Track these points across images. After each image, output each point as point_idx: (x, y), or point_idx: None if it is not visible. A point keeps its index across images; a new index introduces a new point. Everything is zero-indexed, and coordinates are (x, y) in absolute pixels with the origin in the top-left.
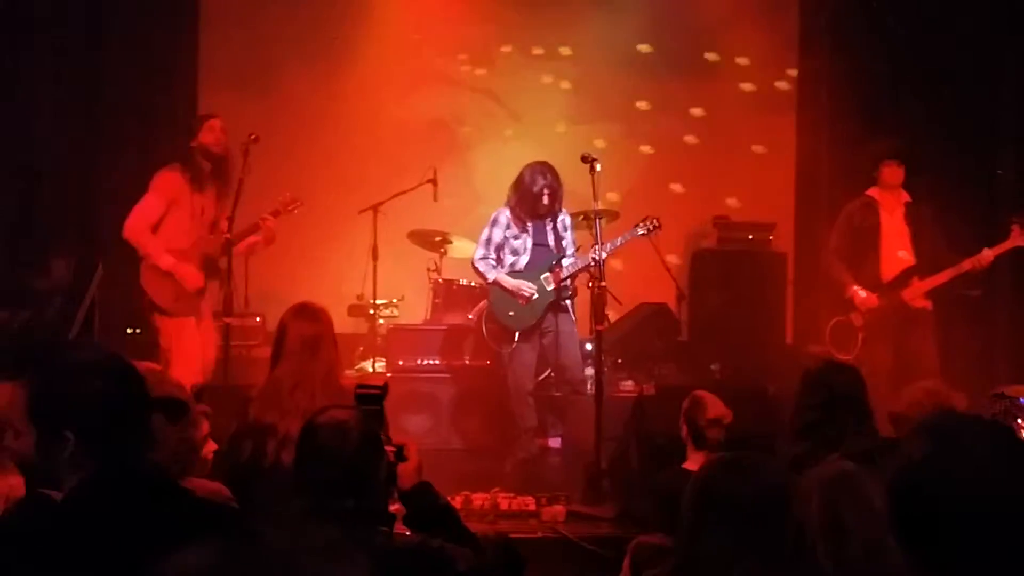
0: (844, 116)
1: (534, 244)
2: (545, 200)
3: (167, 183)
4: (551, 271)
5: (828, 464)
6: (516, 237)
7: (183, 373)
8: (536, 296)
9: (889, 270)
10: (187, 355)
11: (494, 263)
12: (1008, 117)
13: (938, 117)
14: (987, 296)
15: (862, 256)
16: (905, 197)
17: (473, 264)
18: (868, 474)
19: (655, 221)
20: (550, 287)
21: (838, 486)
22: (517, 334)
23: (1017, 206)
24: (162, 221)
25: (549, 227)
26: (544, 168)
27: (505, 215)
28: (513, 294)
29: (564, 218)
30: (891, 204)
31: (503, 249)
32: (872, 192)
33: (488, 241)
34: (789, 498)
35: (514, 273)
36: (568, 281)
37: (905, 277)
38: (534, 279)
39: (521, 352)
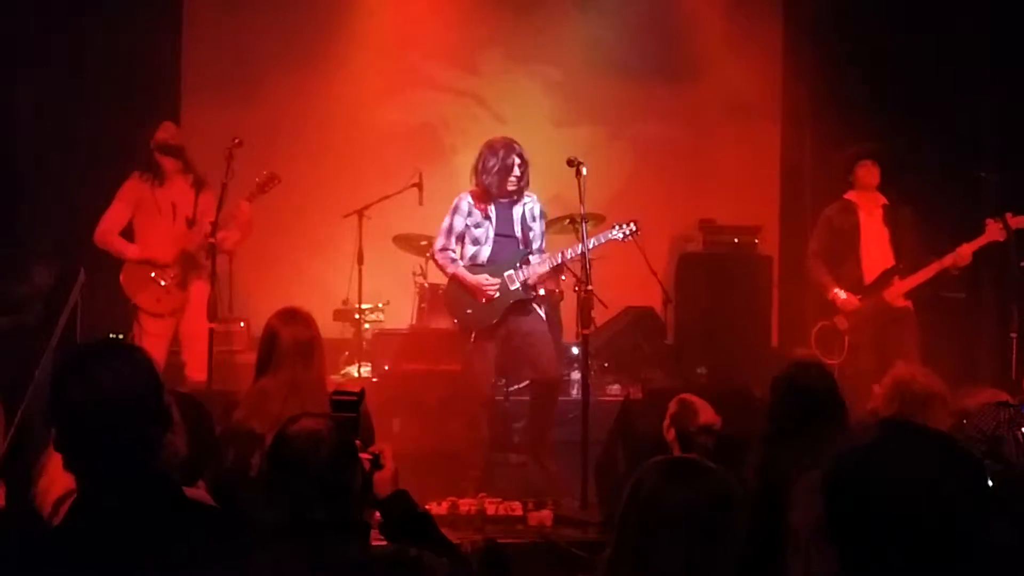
0: (828, 120)
1: (497, 235)
2: (517, 172)
3: (126, 190)
4: (516, 268)
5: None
6: (477, 225)
7: None
8: (498, 294)
9: (870, 271)
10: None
11: (454, 255)
12: (990, 119)
13: (921, 120)
14: (970, 297)
15: (842, 258)
16: (882, 200)
17: (432, 255)
18: None
19: (631, 225)
20: (514, 286)
21: None
22: (473, 334)
23: (1000, 208)
24: (134, 227)
25: (517, 215)
26: (510, 141)
27: (467, 201)
28: (473, 291)
29: (533, 207)
30: (869, 206)
31: (464, 239)
32: (850, 195)
33: (449, 230)
34: (735, 505)
35: (475, 267)
36: (533, 281)
37: (886, 277)
38: (496, 274)
39: (480, 353)
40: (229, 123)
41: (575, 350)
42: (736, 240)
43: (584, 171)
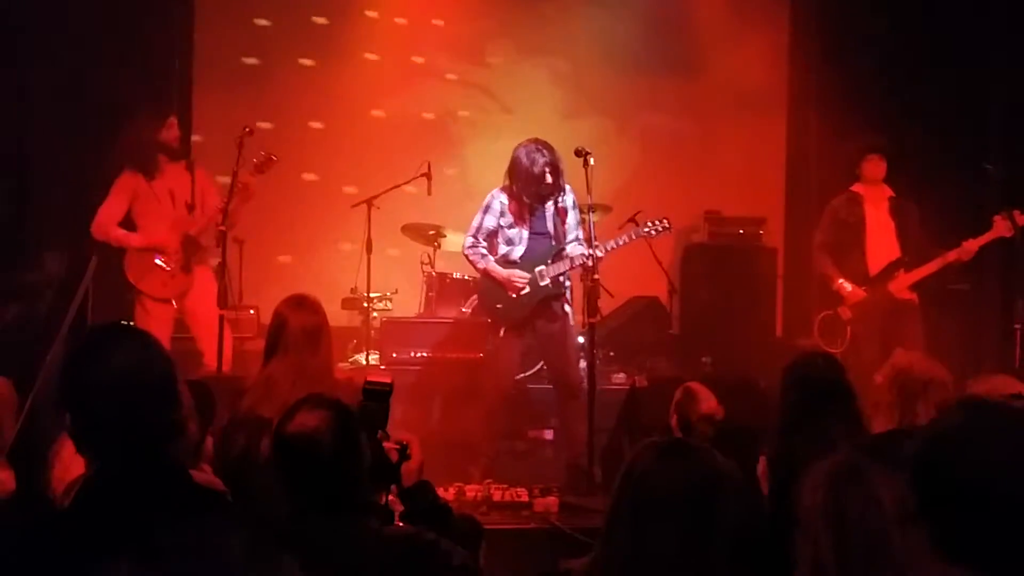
0: (833, 112)
1: (531, 233)
2: (548, 179)
3: (120, 184)
4: (548, 264)
5: (836, 457)
6: (511, 226)
7: None
8: (528, 289)
9: (875, 263)
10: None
11: (484, 251)
12: (997, 112)
13: (927, 113)
14: (975, 289)
15: (847, 250)
16: (888, 192)
17: (463, 251)
18: (878, 467)
19: (665, 222)
20: (544, 282)
21: (846, 479)
22: (503, 329)
23: (1005, 201)
24: (134, 218)
25: (550, 212)
26: (540, 145)
27: (499, 201)
28: (504, 285)
29: (567, 197)
30: (875, 198)
31: (496, 237)
32: (856, 188)
33: (479, 228)
34: (729, 488)
35: (509, 264)
36: (565, 275)
37: (891, 270)
38: (528, 270)
39: (507, 347)
40: (239, 113)
41: (581, 339)
42: (741, 231)
43: (591, 161)
